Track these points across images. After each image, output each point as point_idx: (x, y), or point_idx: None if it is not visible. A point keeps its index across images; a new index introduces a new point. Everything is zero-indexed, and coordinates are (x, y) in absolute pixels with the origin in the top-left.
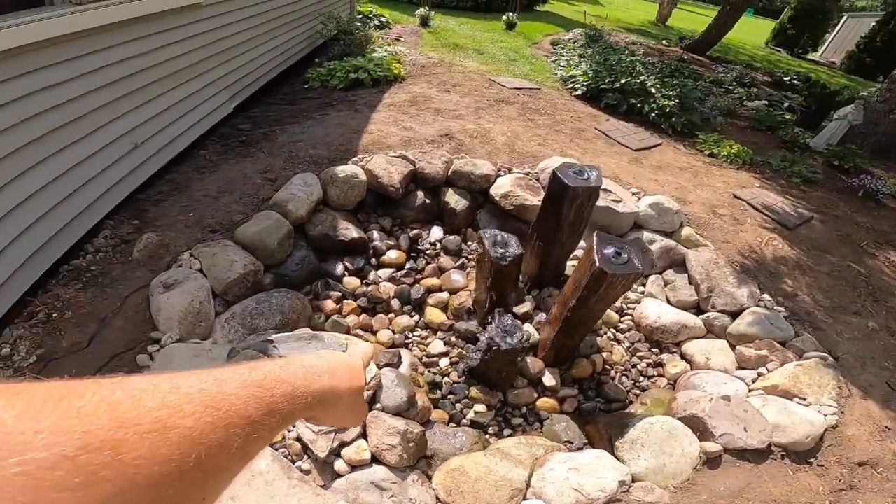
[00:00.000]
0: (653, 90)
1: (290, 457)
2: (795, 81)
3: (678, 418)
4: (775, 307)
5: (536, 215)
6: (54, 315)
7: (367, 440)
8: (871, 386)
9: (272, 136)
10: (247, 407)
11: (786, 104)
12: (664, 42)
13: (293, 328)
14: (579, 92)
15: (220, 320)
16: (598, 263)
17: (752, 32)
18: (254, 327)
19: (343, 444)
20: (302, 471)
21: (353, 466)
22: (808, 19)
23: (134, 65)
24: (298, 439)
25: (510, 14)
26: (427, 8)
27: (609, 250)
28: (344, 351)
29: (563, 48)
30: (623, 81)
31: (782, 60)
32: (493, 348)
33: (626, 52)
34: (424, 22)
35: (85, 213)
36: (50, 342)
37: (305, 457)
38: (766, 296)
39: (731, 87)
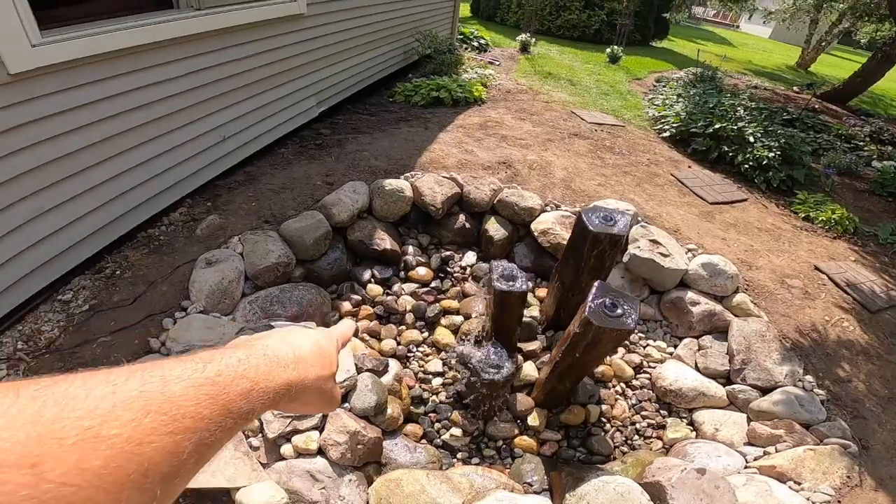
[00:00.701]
0: (751, 138)
1: (246, 432)
2: None
3: (642, 483)
4: (815, 389)
5: (561, 256)
6: (117, 272)
7: (320, 433)
8: (892, 478)
9: (344, 143)
10: (198, 408)
11: None
12: (795, 89)
13: (307, 320)
14: (667, 134)
15: (244, 301)
16: (587, 313)
17: None
18: (271, 313)
19: (296, 431)
20: (252, 447)
21: (299, 454)
22: None
23: (237, 66)
24: (259, 417)
25: (615, 47)
26: (529, 34)
27: (605, 301)
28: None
29: (665, 86)
30: (717, 126)
31: None
32: (475, 375)
33: (739, 95)
34: (524, 48)
35: (169, 190)
36: (103, 295)
37: (260, 435)
38: (809, 377)
39: (861, 143)
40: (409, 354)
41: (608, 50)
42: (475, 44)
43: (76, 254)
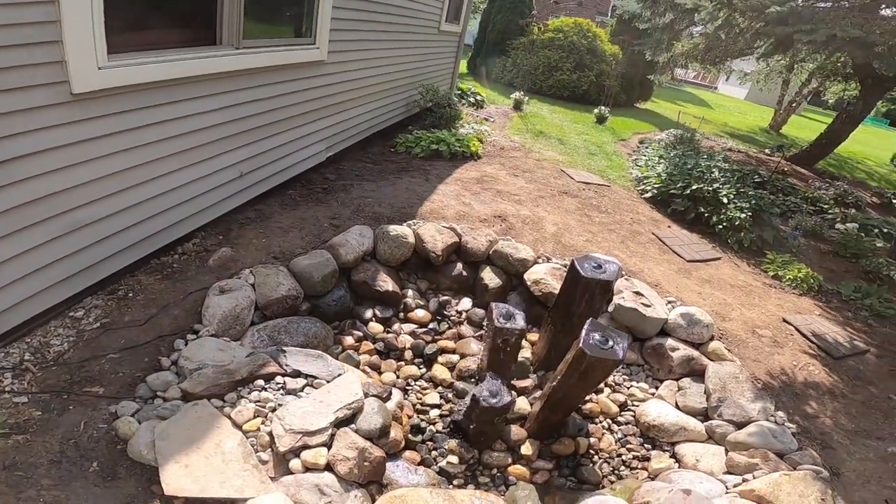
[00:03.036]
0: (725, 199)
1: (256, 446)
2: None
3: None
4: (786, 423)
5: (553, 301)
6: (129, 295)
7: (328, 449)
8: (865, 502)
9: (349, 189)
10: None
11: (884, 230)
12: (766, 151)
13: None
14: (649, 194)
15: (253, 329)
16: (581, 345)
17: (881, 146)
18: (278, 341)
19: (306, 447)
20: (261, 460)
21: (307, 468)
22: None
23: (262, 106)
24: (270, 433)
25: (602, 108)
26: (522, 93)
27: (597, 335)
28: (340, 375)
29: (648, 147)
30: (695, 187)
31: None
32: (474, 403)
33: (714, 157)
34: (518, 106)
35: (186, 220)
36: (115, 314)
37: (269, 449)
38: (780, 413)
39: (825, 206)
40: (407, 387)
41: (596, 111)
42: (472, 99)
43: (92, 274)
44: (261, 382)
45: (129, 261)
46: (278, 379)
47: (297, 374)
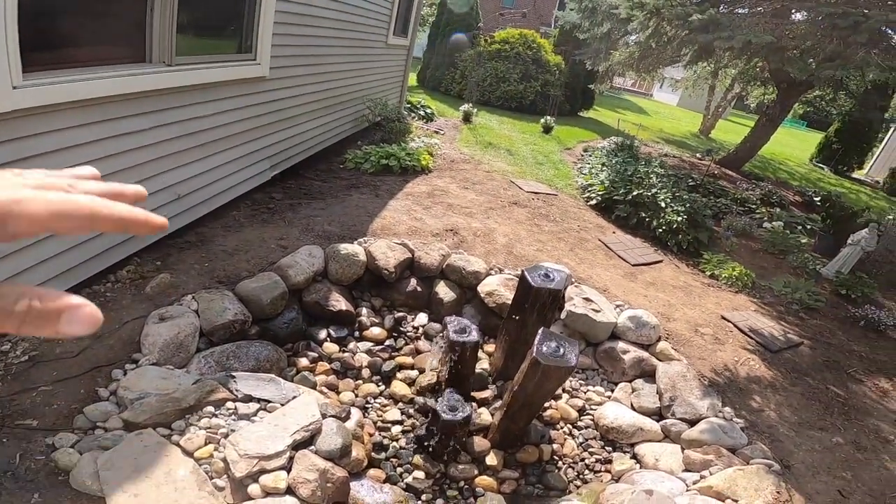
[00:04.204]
0: (662, 203)
1: (210, 473)
2: (821, 202)
3: None
4: (734, 419)
5: (507, 312)
6: None
7: (288, 473)
8: (818, 493)
9: (297, 208)
10: None
11: (807, 226)
12: (697, 155)
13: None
14: (594, 202)
15: (199, 356)
16: (534, 354)
17: (800, 147)
18: (227, 366)
19: (263, 471)
20: (217, 487)
21: (267, 493)
22: (853, 133)
23: (198, 124)
24: (224, 459)
25: (548, 118)
26: (471, 105)
27: (550, 344)
28: (295, 397)
29: (591, 155)
30: (635, 193)
31: (823, 178)
32: (435, 418)
33: (651, 163)
34: (467, 118)
35: (118, 246)
36: (45, 347)
37: (225, 476)
38: (727, 409)
39: (753, 206)
40: (367, 405)
41: (542, 120)
42: (422, 112)
43: None
44: (210, 409)
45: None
46: (229, 405)
47: (249, 398)
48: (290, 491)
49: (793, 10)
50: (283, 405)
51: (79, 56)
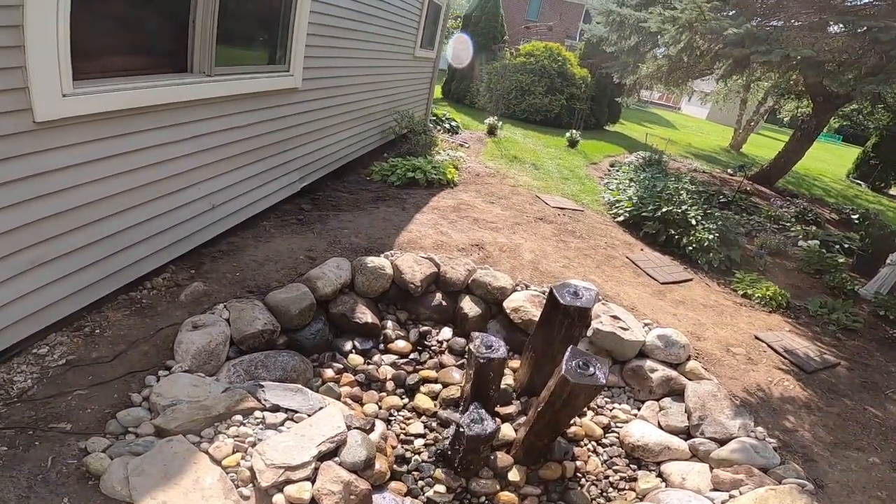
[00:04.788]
0: (693, 221)
1: (237, 482)
2: (860, 220)
3: None
4: (767, 438)
5: (533, 328)
6: (97, 331)
7: (313, 484)
8: None
9: (325, 220)
10: None
11: (845, 245)
12: (729, 171)
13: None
14: (621, 218)
15: (228, 364)
16: (563, 372)
17: (836, 162)
18: (255, 375)
19: (288, 482)
20: (242, 496)
21: (292, 503)
22: (892, 147)
23: (234, 135)
24: (251, 468)
25: (574, 132)
26: (496, 118)
27: (579, 362)
28: (322, 408)
29: (618, 170)
30: (664, 210)
31: (860, 195)
32: (458, 432)
33: (682, 178)
34: (492, 131)
35: (156, 254)
36: (82, 351)
37: (251, 485)
38: (760, 428)
39: (788, 224)
40: (390, 418)
41: (567, 134)
42: (447, 125)
43: (56, 311)
44: (239, 418)
45: (96, 296)
46: (257, 414)
47: (276, 408)
48: (313, 502)
49: (830, 23)
50: (309, 416)
51: (126, 65)
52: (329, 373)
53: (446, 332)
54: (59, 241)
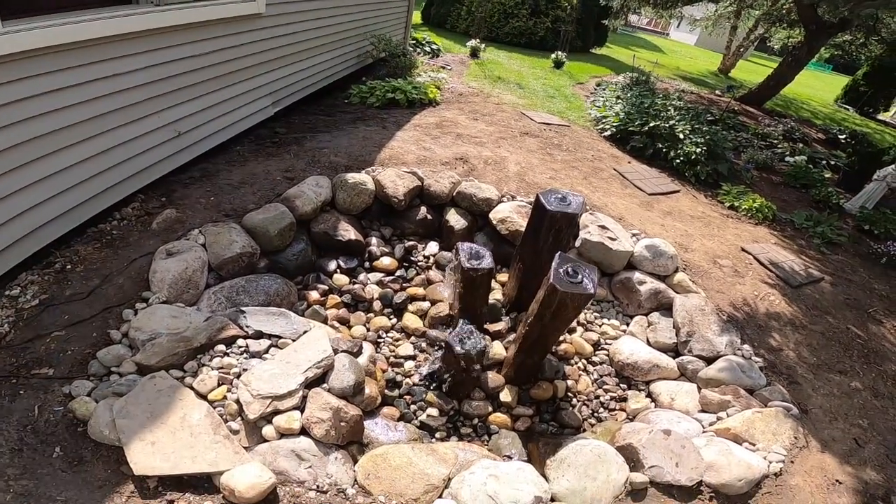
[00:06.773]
0: (681, 135)
1: (224, 416)
2: (848, 139)
3: (616, 446)
4: (753, 357)
5: (520, 239)
6: (68, 267)
7: (302, 413)
8: (834, 440)
9: (302, 142)
10: None
11: (831, 162)
12: (717, 92)
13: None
14: (608, 133)
15: (208, 292)
16: (551, 280)
17: (825, 89)
18: (237, 302)
19: (277, 412)
20: (231, 430)
21: (282, 434)
22: (883, 76)
23: (193, 63)
24: (237, 401)
25: (559, 53)
26: (478, 40)
27: (567, 268)
28: (306, 332)
29: (605, 89)
30: (652, 125)
31: (848, 119)
32: (448, 351)
33: (669, 97)
34: (474, 53)
35: (122, 183)
36: (55, 290)
37: (239, 418)
38: (746, 346)
39: (775, 141)
40: (379, 340)
41: (553, 56)
42: (427, 49)
43: (22, 248)
44: (222, 348)
45: (64, 230)
46: (240, 342)
47: (259, 335)
48: (304, 431)
49: None
50: (294, 340)
51: (62, 1)
52: (314, 295)
53: (433, 247)
54: (18, 174)
